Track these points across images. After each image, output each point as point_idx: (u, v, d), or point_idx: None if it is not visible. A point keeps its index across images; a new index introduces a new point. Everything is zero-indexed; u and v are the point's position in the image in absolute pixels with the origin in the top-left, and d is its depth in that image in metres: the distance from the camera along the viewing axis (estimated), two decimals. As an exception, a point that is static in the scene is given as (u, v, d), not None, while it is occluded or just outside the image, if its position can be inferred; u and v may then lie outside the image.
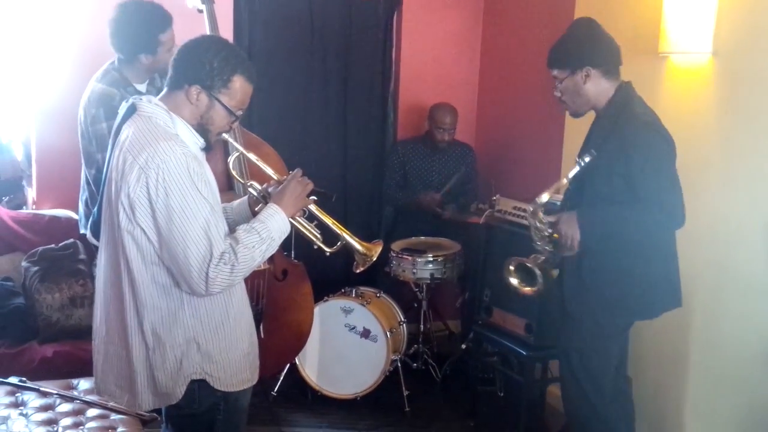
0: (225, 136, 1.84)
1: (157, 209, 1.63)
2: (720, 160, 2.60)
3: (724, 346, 2.63)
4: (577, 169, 2.16)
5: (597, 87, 2.24)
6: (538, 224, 2.29)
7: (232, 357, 1.81)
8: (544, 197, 2.19)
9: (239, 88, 1.75)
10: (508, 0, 3.95)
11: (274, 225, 1.76)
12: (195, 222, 1.63)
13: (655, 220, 2.16)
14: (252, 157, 1.96)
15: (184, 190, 1.63)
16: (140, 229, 1.67)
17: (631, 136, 2.17)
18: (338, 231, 1.95)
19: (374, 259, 1.97)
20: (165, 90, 1.79)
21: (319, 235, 1.95)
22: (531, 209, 2.24)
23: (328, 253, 1.95)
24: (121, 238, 1.70)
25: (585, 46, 2.26)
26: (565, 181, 2.19)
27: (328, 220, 1.95)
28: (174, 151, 1.64)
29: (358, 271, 2.00)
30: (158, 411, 1.99)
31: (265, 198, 1.88)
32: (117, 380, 1.82)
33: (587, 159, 2.15)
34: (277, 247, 1.78)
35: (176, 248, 1.64)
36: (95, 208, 1.93)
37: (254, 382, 1.92)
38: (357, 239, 1.96)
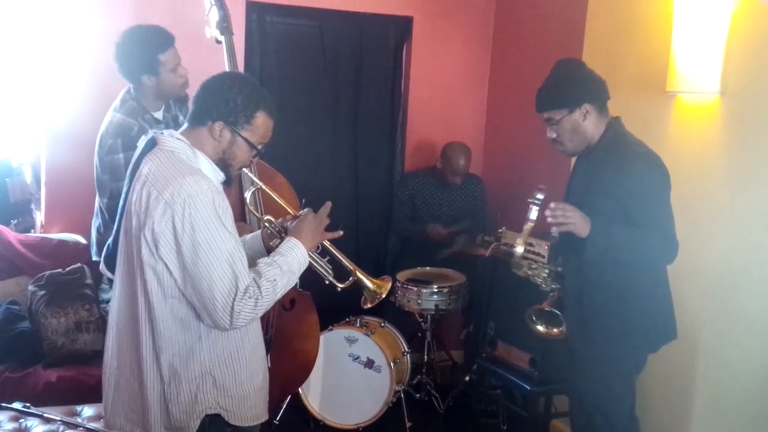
0: (245, 170, 1.87)
1: (182, 244, 1.63)
2: (726, 199, 2.62)
3: (729, 385, 2.62)
4: (536, 209, 2.18)
5: (594, 124, 2.26)
6: (529, 271, 2.33)
7: (246, 391, 1.81)
8: (519, 249, 2.21)
9: (261, 124, 1.78)
10: (517, 33, 4.01)
11: (294, 259, 1.78)
12: (221, 256, 1.63)
13: (659, 247, 2.18)
14: (273, 194, 1.98)
15: (210, 224, 1.64)
16: (163, 263, 1.66)
17: (627, 165, 2.18)
18: (350, 267, 1.97)
19: (383, 296, 2.00)
20: (186, 125, 1.81)
21: (330, 271, 1.97)
22: (513, 264, 2.25)
23: (339, 289, 1.97)
24: (141, 271, 1.70)
25: (580, 84, 2.27)
26: (530, 224, 2.20)
27: (341, 256, 1.97)
28: (200, 186, 1.65)
29: (366, 306, 2.02)
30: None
31: (280, 233, 1.90)
32: (128, 414, 1.80)
33: (539, 195, 2.21)
34: (296, 281, 1.79)
35: (201, 283, 1.63)
36: (110, 240, 1.92)
37: (266, 419, 1.90)
38: (368, 276, 1.99)
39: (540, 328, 2.33)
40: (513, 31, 4.04)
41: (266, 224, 1.94)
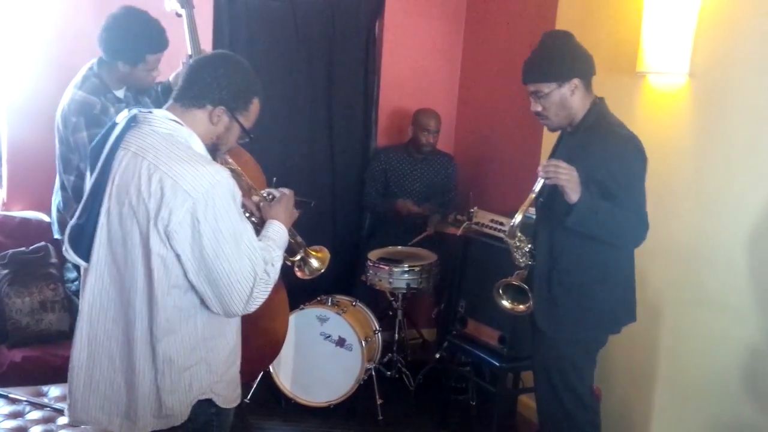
0: (225, 156, 1.86)
1: (204, 235, 1.58)
2: (693, 180, 2.66)
3: (692, 361, 2.68)
4: (541, 181, 2.15)
5: (581, 100, 2.23)
6: (518, 243, 2.33)
7: (233, 374, 1.82)
8: (518, 217, 2.19)
9: (254, 109, 1.77)
10: (490, 11, 3.99)
11: (281, 241, 1.82)
12: (241, 246, 1.62)
13: (634, 228, 2.20)
14: (245, 178, 1.98)
15: (232, 214, 1.61)
16: (174, 253, 1.60)
17: (612, 148, 2.18)
18: (298, 244, 2.05)
19: (323, 271, 2.09)
20: (177, 104, 1.71)
21: None
22: (507, 231, 2.25)
23: (289, 263, 2.03)
24: (146, 261, 1.62)
25: (571, 58, 2.23)
26: (533, 195, 2.17)
27: (294, 232, 2.03)
28: (222, 176, 1.61)
29: (300, 276, 2.10)
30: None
31: (251, 218, 1.89)
32: (103, 405, 1.73)
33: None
34: None
35: (220, 273, 1.60)
36: (75, 222, 1.72)
37: (240, 400, 1.91)
38: (314, 254, 2.08)
39: (506, 303, 2.34)
40: (485, 8, 4.02)
41: None
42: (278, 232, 1.82)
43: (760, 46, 2.41)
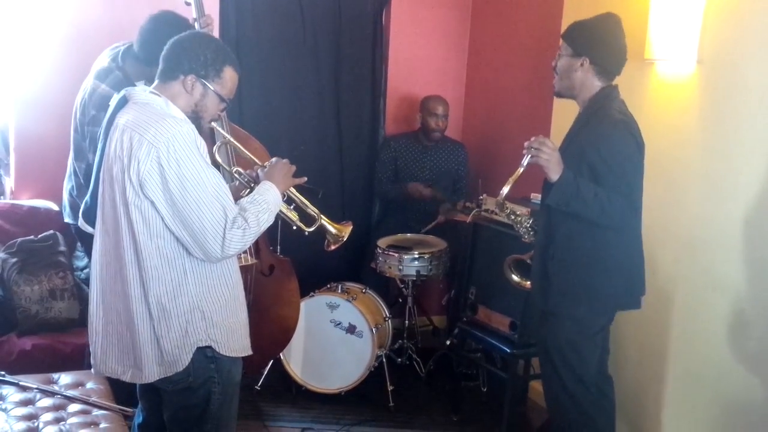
0: (213, 124, 1.96)
1: (169, 180, 1.72)
2: (702, 166, 2.63)
3: (702, 346, 2.67)
4: (529, 156, 2.19)
5: (585, 80, 2.29)
6: (513, 217, 2.39)
7: (233, 324, 1.91)
8: (505, 190, 2.24)
9: (229, 77, 1.89)
10: (497, -2, 3.96)
11: (271, 198, 1.91)
12: (208, 189, 1.74)
13: (621, 211, 2.21)
14: (240, 147, 2.13)
15: (194, 160, 1.74)
16: (149, 202, 1.75)
17: (602, 129, 2.23)
18: (314, 213, 2.12)
19: (345, 238, 2.15)
20: (157, 82, 1.88)
21: (296, 217, 2.11)
22: (496, 204, 2.31)
23: (306, 233, 2.11)
24: (127, 213, 1.78)
25: (593, 39, 2.28)
26: (521, 170, 2.22)
27: (306, 203, 2.12)
28: (182, 126, 1.76)
29: (330, 249, 2.17)
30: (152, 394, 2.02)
31: (250, 183, 2.02)
32: (119, 357, 1.90)
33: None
34: (273, 219, 1.91)
35: (191, 216, 1.74)
36: (88, 197, 2.00)
37: (250, 353, 2.00)
38: (330, 221, 2.14)
39: (514, 277, 2.45)
40: (492, -5, 3.99)
41: (236, 175, 2.06)
42: (268, 190, 1.92)
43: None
